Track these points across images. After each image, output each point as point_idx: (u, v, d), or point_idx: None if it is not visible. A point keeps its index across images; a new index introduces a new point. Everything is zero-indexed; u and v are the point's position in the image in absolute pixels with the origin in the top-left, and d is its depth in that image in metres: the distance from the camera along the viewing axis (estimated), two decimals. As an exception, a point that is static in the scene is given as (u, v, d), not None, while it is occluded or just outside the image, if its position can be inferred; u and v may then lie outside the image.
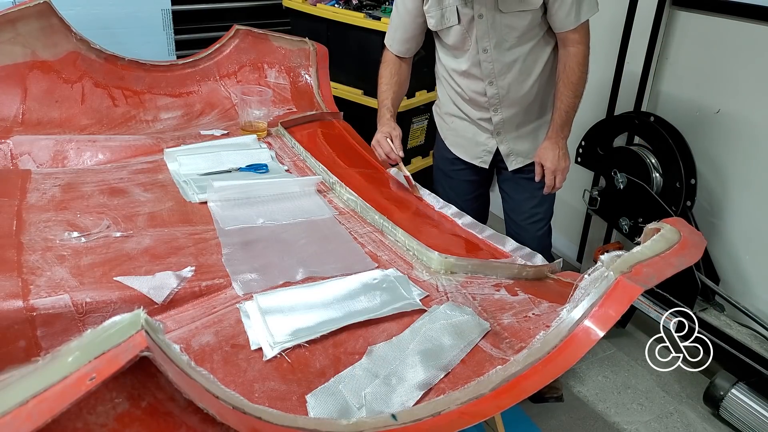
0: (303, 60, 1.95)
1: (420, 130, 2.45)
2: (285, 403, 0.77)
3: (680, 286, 1.82)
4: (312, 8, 2.28)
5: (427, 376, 0.81)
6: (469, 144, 1.70)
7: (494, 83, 1.53)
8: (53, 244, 1.05)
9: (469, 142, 1.70)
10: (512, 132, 1.62)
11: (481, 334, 0.90)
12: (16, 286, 0.91)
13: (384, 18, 2.11)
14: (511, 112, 1.58)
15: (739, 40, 1.77)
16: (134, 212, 1.21)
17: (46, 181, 1.31)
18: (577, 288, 0.78)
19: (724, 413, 1.77)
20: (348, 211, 1.32)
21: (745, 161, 1.82)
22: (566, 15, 1.42)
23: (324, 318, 0.92)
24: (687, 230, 0.84)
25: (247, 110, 1.67)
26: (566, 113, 1.51)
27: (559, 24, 1.44)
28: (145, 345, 0.47)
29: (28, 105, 1.59)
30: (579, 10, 1.42)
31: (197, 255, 1.08)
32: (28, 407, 0.42)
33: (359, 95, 2.30)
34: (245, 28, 1.98)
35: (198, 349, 0.85)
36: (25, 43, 1.59)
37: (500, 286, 1.06)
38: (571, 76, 1.47)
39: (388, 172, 1.62)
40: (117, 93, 1.76)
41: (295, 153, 1.60)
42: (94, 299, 0.93)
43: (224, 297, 0.98)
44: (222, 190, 1.28)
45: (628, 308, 0.71)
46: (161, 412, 0.53)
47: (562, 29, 1.45)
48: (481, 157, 1.69)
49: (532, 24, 1.44)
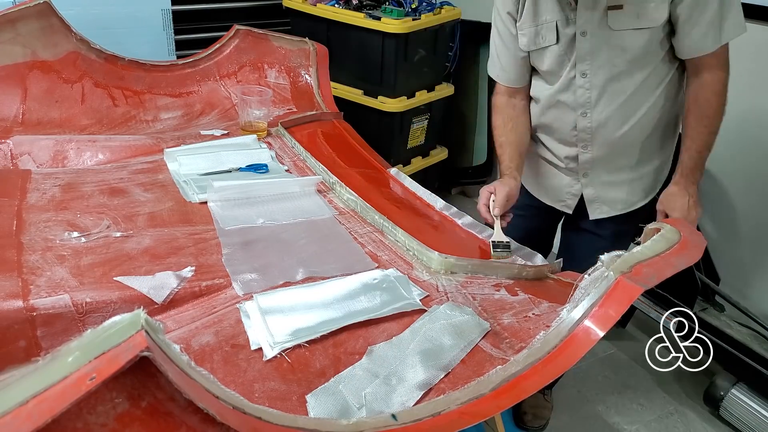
0: (303, 60, 1.95)
1: (420, 130, 2.45)
2: (285, 403, 0.77)
3: (680, 286, 1.82)
4: (312, 8, 2.28)
5: (427, 376, 0.81)
6: (551, 185, 1.45)
7: (588, 115, 1.27)
8: (53, 244, 1.05)
9: (551, 183, 1.45)
10: (603, 175, 1.36)
11: (481, 334, 0.90)
12: (16, 286, 0.91)
13: (384, 18, 2.11)
14: (604, 152, 1.31)
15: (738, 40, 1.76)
16: (134, 212, 1.21)
17: (46, 181, 1.31)
18: (577, 288, 0.78)
19: (724, 413, 1.77)
20: (348, 211, 1.32)
21: (745, 161, 1.82)
22: (703, 36, 1.14)
23: (324, 318, 0.92)
24: (687, 230, 0.84)
25: (247, 110, 1.67)
26: (698, 153, 1.21)
27: (693, 47, 1.16)
28: (145, 345, 0.47)
29: (28, 105, 1.59)
30: (720, 28, 1.13)
31: (197, 255, 1.08)
32: (28, 407, 0.42)
33: (359, 95, 2.30)
34: (245, 28, 1.98)
35: (198, 349, 0.85)
36: (25, 43, 1.59)
37: (500, 286, 1.06)
38: (706, 108, 1.18)
39: (388, 172, 1.62)
40: (117, 93, 1.76)
41: (295, 153, 1.60)
42: (94, 299, 0.93)
43: (224, 297, 0.98)
44: (222, 190, 1.28)
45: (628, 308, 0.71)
46: (161, 412, 0.53)
47: (695, 54, 1.17)
48: (565, 201, 1.44)
49: (650, 46, 1.18)
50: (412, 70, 2.25)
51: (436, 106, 2.45)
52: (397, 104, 2.25)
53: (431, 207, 1.46)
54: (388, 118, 2.28)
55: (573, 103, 1.28)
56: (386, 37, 2.12)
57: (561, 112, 1.31)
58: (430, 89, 2.40)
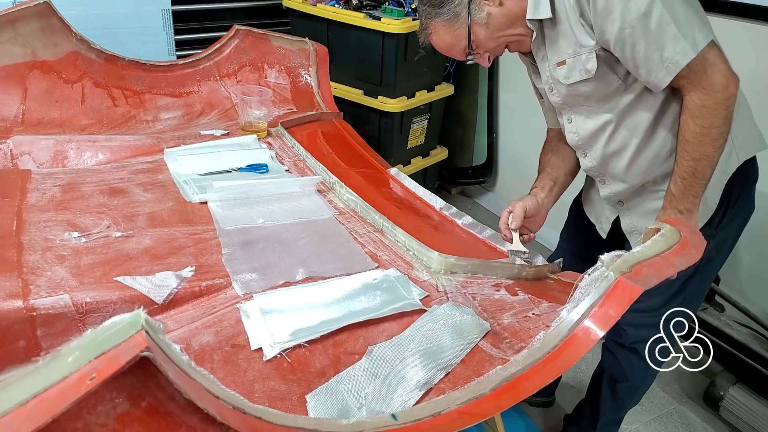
0: (303, 60, 1.95)
1: (420, 130, 2.45)
2: (285, 403, 0.77)
3: (680, 286, 1.82)
4: (312, 8, 2.28)
5: (427, 376, 0.81)
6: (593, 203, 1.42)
7: (588, 155, 1.28)
8: (53, 244, 1.05)
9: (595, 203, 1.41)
10: (638, 206, 1.29)
11: (481, 334, 0.90)
12: (16, 286, 0.92)
13: (384, 18, 2.11)
14: (621, 187, 1.27)
15: (738, 40, 1.76)
16: (134, 212, 1.21)
17: (46, 181, 1.31)
18: (577, 288, 0.78)
19: (724, 413, 1.77)
20: (348, 211, 1.32)
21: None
22: (648, 73, 1.07)
23: (324, 318, 0.92)
24: (687, 230, 0.84)
25: (247, 110, 1.68)
26: (682, 180, 1.13)
27: (651, 84, 1.10)
28: (145, 345, 0.47)
29: (28, 105, 1.59)
30: (662, 60, 1.04)
31: (197, 255, 1.08)
32: (28, 407, 0.42)
33: (359, 95, 2.30)
34: (245, 28, 1.98)
35: (198, 349, 0.85)
36: (25, 43, 1.59)
37: (500, 286, 1.06)
38: (684, 132, 1.10)
39: (388, 172, 1.62)
40: (117, 93, 1.76)
41: (295, 153, 1.60)
42: (94, 299, 0.93)
43: (224, 297, 0.98)
44: (222, 190, 1.29)
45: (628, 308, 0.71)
46: (161, 412, 0.53)
47: (657, 89, 1.10)
48: (601, 224, 1.40)
49: (608, 89, 1.15)
50: (412, 70, 2.25)
51: (436, 106, 2.46)
52: (397, 104, 2.25)
53: (431, 207, 1.46)
54: (388, 118, 2.28)
55: (573, 146, 1.31)
56: (386, 37, 2.12)
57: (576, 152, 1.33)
58: (430, 89, 2.40)
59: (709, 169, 1.11)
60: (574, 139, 1.27)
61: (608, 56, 1.11)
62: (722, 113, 1.06)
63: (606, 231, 1.39)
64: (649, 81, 1.09)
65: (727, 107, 1.06)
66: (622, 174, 1.25)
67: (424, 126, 2.47)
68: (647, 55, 1.05)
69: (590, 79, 1.14)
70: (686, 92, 1.08)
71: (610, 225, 1.36)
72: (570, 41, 1.12)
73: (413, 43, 2.18)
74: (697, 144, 1.08)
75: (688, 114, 1.09)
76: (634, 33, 1.03)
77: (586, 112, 1.22)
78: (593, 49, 1.10)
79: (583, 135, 1.25)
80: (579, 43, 1.11)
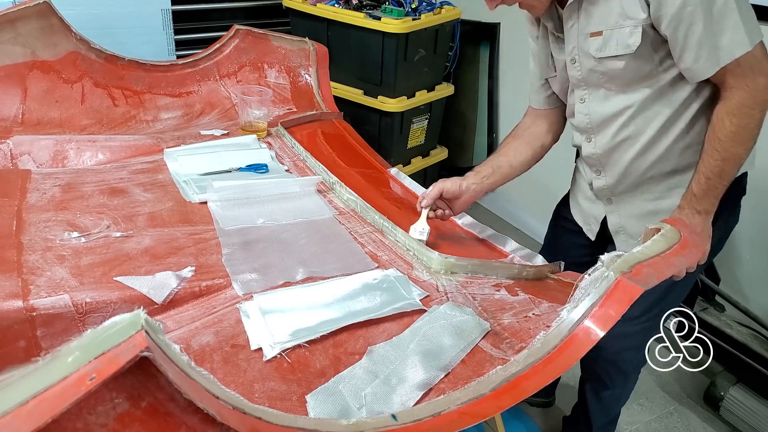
0: (303, 60, 1.95)
1: (420, 130, 2.45)
2: (285, 403, 0.77)
3: (680, 286, 1.82)
4: (312, 8, 2.28)
5: (427, 376, 0.81)
6: (582, 205, 1.38)
7: (592, 140, 1.22)
8: (53, 244, 1.05)
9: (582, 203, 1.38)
10: (627, 204, 1.26)
11: (481, 334, 0.90)
12: (16, 286, 0.91)
13: (384, 18, 2.11)
14: (616, 179, 1.23)
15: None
16: (134, 212, 1.21)
17: (46, 181, 1.31)
18: (578, 288, 0.78)
19: (724, 413, 1.77)
20: (348, 211, 1.32)
21: (745, 161, 1.82)
22: (695, 59, 1.02)
23: (324, 318, 0.92)
24: (687, 230, 0.84)
25: (247, 110, 1.67)
26: (706, 179, 1.08)
27: (690, 72, 1.05)
28: (145, 345, 0.47)
29: (28, 105, 1.59)
30: (716, 48, 0.99)
31: (197, 255, 1.08)
32: (28, 407, 0.42)
33: (359, 95, 2.30)
34: (245, 28, 1.98)
35: (198, 349, 0.85)
36: (25, 43, 1.59)
37: (500, 286, 1.06)
38: (717, 130, 1.05)
39: (388, 172, 1.62)
40: (117, 93, 1.76)
41: (295, 153, 1.60)
42: (94, 299, 0.93)
43: (224, 297, 0.98)
44: (222, 190, 1.28)
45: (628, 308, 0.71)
46: (161, 412, 0.53)
47: (697, 79, 1.05)
48: (589, 225, 1.36)
49: (639, 71, 1.09)
50: (412, 70, 2.25)
51: (436, 106, 2.45)
52: (397, 104, 2.25)
53: (431, 207, 1.45)
54: (388, 118, 2.28)
55: (578, 128, 1.26)
56: (386, 37, 2.12)
57: (576, 134, 1.28)
58: (430, 89, 2.40)
59: (735, 170, 1.08)
60: (583, 121, 1.22)
61: (654, 35, 1.05)
62: (758, 115, 1.03)
63: (595, 232, 1.35)
64: (692, 68, 1.04)
65: (763, 109, 1.04)
66: (623, 166, 1.21)
67: (424, 126, 2.47)
68: (701, 40, 0.99)
69: (626, 55, 1.08)
70: (727, 88, 1.04)
71: (599, 225, 1.33)
72: (614, 11, 1.05)
73: (413, 43, 2.18)
74: (729, 143, 1.05)
75: (726, 111, 1.04)
76: (695, 12, 0.97)
77: (605, 94, 1.16)
78: (641, 23, 1.03)
79: (595, 118, 1.19)
80: (625, 15, 1.04)
